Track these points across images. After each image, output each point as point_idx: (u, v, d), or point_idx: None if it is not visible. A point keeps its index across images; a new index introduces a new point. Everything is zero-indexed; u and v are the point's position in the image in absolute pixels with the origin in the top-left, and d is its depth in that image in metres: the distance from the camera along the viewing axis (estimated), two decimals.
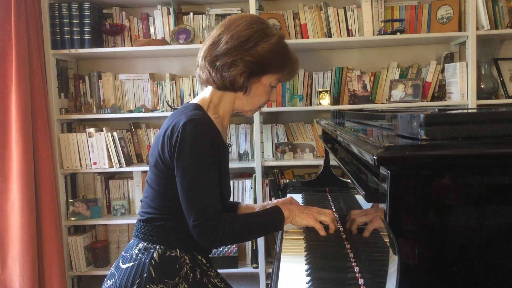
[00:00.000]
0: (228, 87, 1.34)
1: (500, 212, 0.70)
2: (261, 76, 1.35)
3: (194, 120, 1.26)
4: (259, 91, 1.38)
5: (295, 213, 1.38)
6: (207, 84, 1.39)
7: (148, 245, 1.34)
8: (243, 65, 1.30)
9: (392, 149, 0.70)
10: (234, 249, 2.77)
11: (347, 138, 1.06)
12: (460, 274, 0.70)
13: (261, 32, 1.32)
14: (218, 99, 1.39)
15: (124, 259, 1.36)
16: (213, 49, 1.33)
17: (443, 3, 2.71)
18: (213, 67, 1.32)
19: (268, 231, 1.43)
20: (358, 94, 2.79)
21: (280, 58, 1.34)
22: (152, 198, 1.36)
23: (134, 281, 1.29)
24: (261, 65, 1.32)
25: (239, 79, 1.31)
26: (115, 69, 3.03)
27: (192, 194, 1.26)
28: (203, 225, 1.26)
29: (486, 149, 0.69)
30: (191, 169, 1.25)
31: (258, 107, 1.44)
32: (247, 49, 1.30)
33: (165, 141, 1.29)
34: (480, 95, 2.67)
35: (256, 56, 1.30)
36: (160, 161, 1.31)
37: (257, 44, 1.30)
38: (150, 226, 1.35)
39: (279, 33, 1.36)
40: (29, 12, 2.62)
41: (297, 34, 2.81)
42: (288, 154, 2.82)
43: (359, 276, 1.07)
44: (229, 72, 1.31)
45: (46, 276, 2.68)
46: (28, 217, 2.56)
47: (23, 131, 2.55)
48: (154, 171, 1.35)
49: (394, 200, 0.69)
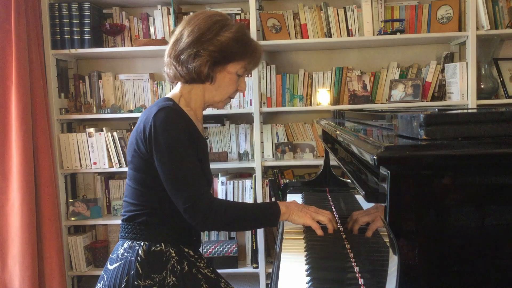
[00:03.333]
0: (195, 79, 1.38)
1: (500, 212, 0.70)
2: (225, 64, 1.39)
3: (164, 109, 1.31)
4: (226, 80, 1.41)
5: (292, 211, 1.38)
6: (174, 80, 1.43)
7: (132, 243, 1.35)
8: (207, 55, 1.34)
9: (392, 149, 0.70)
10: (234, 249, 2.77)
11: (347, 138, 1.06)
12: (460, 274, 0.70)
13: (221, 23, 1.37)
14: (188, 93, 1.43)
15: (111, 260, 1.37)
16: (176, 45, 1.38)
17: (443, 3, 2.71)
18: (178, 62, 1.37)
19: (263, 223, 1.45)
20: (358, 94, 2.79)
21: (242, 45, 1.38)
22: (132, 196, 1.38)
23: (122, 279, 1.30)
24: (224, 53, 1.36)
25: (204, 69, 1.36)
26: (115, 69, 3.03)
27: (176, 179, 1.29)
28: (194, 207, 1.28)
29: (486, 149, 0.69)
30: (170, 155, 1.28)
31: (228, 98, 1.47)
32: (209, 39, 1.35)
33: (139, 134, 1.33)
34: (480, 95, 2.67)
35: (218, 45, 1.34)
36: (136, 155, 1.34)
37: (218, 33, 1.35)
38: (133, 224, 1.37)
39: (239, 23, 1.42)
40: (29, 12, 2.62)
41: (297, 34, 2.82)
42: (288, 154, 2.82)
43: (359, 276, 1.07)
44: (193, 63, 1.35)
45: (46, 276, 2.68)
46: (28, 217, 2.56)
47: (23, 131, 2.55)
48: (131, 167, 1.38)
49: (394, 200, 0.69)
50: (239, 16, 2.84)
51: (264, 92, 2.81)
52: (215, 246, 2.78)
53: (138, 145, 1.33)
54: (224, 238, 2.89)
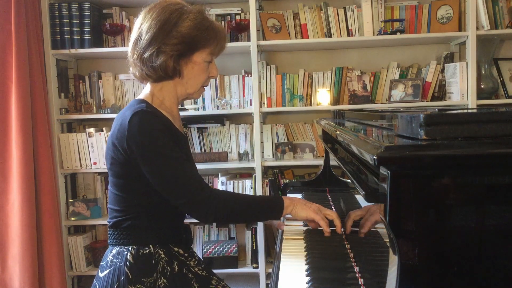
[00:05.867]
0: (163, 76, 1.34)
1: (500, 212, 0.70)
2: (191, 55, 1.34)
3: (138, 112, 1.27)
4: (195, 71, 1.37)
5: (296, 204, 1.35)
6: (142, 80, 1.39)
7: (121, 249, 1.33)
8: (170, 49, 1.30)
9: (392, 149, 0.70)
10: (234, 249, 2.77)
11: (347, 138, 1.06)
12: (460, 274, 0.70)
13: (177, 12, 1.32)
14: (159, 91, 1.38)
15: (102, 268, 1.36)
16: (137, 45, 1.33)
17: (443, 3, 2.71)
18: (142, 61, 1.32)
19: (266, 215, 1.41)
20: (358, 94, 2.79)
21: (203, 32, 1.33)
22: (115, 202, 1.36)
23: (113, 286, 1.29)
24: (187, 44, 1.31)
25: (170, 64, 1.31)
26: (115, 69, 3.03)
27: (169, 179, 1.26)
28: (193, 200, 1.26)
29: (486, 149, 0.69)
30: (155, 158, 1.25)
31: (201, 87, 1.43)
32: (168, 32, 1.29)
33: (115, 140, 1.29)
34: (480, 95, 2.67)
35: (179, 37, 1.30)
36: (114, 161, 1.31)
37: (177, 24, 1.30)
38: (119, 230, 1.35)
39: (196, 8, 1.36)
40: (29, 12, 2.62)
41: (297, 34, 2.82)
42: (288, 154, 2.82)
43: (359, 276, 1.07)
44: (158, 61, 1.30)
45: (46, 276, 2.68)
46: (28, 217, 2.56)
47: (23, 131, 2.55)
48: (110, 173, 1.35)
49: (394, 200, 0.69)
50: (239, 16, 2.84)
51: (264, 92, 2.81)
52: (215, 246, 2.78)
53: (115, 151, 1.30)
54: (224, 238, 2.89)
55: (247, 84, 2.84)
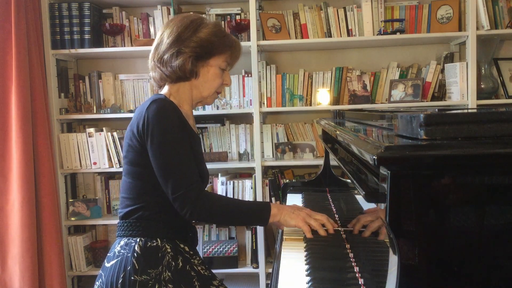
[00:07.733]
0: (180, 76, 1.43)
1: (500, 212, 0.70)
2: (207, 59, 1.45)
3: (157, 101, 1.36)
4: (210, 74, 1.47)
5: (284, 212, 1.38)
6: (161, 82, 1.49)
7: (129, 240, 1.37)
8: (188, 51, 1.41)
9: (392, 149, 0.70)
10: (234, 249, 2.77)
11: (347, 138, 1.06)
12: (460, 274, 0.70)
13: (196, 21, 1.45)
14: (176, 92, 1.47)
15: (109, 258, 1.39)
16: (158, 49, 1.45)
17: (443, 3, 2.71)
18: (162, 63, 1.43)
19: (252, 221, 1.48)
20: (358, 94, 2.79)
21: (221, 39, 1.45)
22: (127, 190, 1.41)
23: (119, 275, 1.32)
24: (205, 48, 1.42)
25: (188, 65, 1.41)
26: (115, 69, 3.03)
27: (167, 167, 1.32)
28: (183, 196, 1.31)
29: (486, 149, 0.69)
30: (162, 143, 1.32)
31: (215, 92, 1.52)
32: (188, 36, 1.42)
33: (133, 128, 1.36)
34: (480, 95, 2.67)
35: (197, 41, 1.42)
36: (130, 149, 1.38)
37: (196, 30, 1.43)
38: (129, 221, 1.39)
39: (214, 21, 1.52)
40: (29, 12, 2.62)
41: (297, 34, 2.82)
42: (288, 154, 2.82)
43: (359, 276, 1.07)
44: (177, 61, 1.41)
45: (46, 276, 2.68)
46: (28, 217, 2.56)
47: (23, 131, 2.55)
48: (126, 161, 1.41)
49: (394, 200, 0.69)
50: (239, 16, 2.84)
51: (264, 92, 2.81)
52: (215, 246, 2.78)
53: (131, 139, 1.37)
54: (224, 238, 2.89)
55: (247, 84, 2.84)
